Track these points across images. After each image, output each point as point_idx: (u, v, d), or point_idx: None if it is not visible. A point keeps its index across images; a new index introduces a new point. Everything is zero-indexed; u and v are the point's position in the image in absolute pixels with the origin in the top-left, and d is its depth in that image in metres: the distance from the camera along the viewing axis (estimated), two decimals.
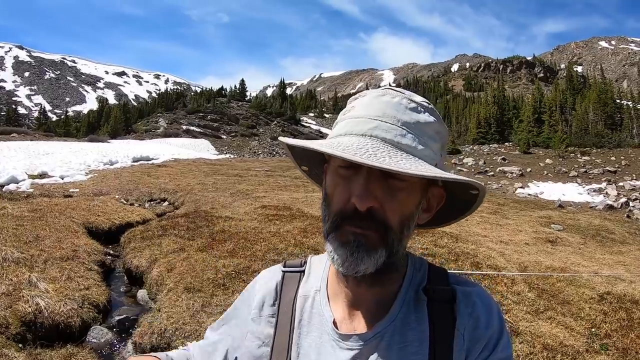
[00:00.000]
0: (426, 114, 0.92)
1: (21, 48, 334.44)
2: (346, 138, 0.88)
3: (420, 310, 0.96)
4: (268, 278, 1.13)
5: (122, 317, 5.73)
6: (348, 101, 0.99)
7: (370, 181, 0.85)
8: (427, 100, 0.95)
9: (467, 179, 0.87)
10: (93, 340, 5.14)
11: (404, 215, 0.90)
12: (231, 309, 1.18)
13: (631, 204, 19.03)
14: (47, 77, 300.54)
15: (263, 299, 1.09)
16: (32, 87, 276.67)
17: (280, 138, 0.99)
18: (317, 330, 1.00)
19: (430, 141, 0.91)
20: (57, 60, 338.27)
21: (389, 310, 0.97)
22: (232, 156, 53.70)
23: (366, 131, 0.87)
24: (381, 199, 0.86)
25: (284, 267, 1.13)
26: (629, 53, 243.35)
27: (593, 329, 5.24)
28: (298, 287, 1.08)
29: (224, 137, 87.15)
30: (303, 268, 1.11)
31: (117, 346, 5.18)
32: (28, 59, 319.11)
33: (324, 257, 1.10)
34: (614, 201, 19.58)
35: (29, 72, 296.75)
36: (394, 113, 0.89)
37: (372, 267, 0.88)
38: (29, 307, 4.98)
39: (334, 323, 0.99)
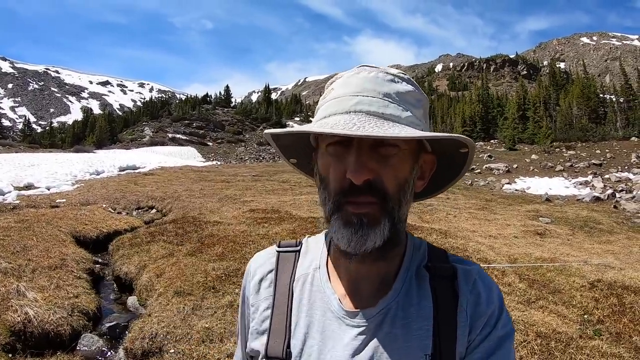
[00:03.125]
0: (404, 83, 0.93)
1: (4, 59, 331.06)
2: (331, 118, 0.88)
3: (423, 287, 0.96)
4: (262, 260, 1.11)
5: (112, 323, 5.67)
6: (325, 86, 0.99)
7: (361, 154, 0.86)
8: (403, 72, 0.96)
9: (454, 135, 0.87)
10: (84, 348, 5.07)
11: (400, 181, 0.90)
12: (239, 314, 1.16)
13: (617, 195, 19.25)
14: (30, 88, 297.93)
15: (259, 281, 1.08)
16: (16, 99, 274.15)
17: (266, 131, 0.98)
18: (320, 309, 0.99)
19: (412, 108, 0.91)
20: (40, 71, 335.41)
21: (392, 286, 0.97)
22: (218, 163, 53.69)
23: (349, 108, 0.88)
24: (376, 169, 0.87)
25: (279, 247, 1.12)
26: (610, 48, 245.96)
27: (585, 316, 5.27)
28: (295, 267, 1.06)
29: (210, 144, 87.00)
30: (298, 248, 1.10)
31: (108, 353, 5.12)
32: (11, 70, 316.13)
33: (321, 236, 1.10)
34: (600, 193, 19.78)
35: (12, 84, 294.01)
36: (373, 86, 0.90)
37: (379, 241, 0.88)
38: (18, 316, 4.92)
39: (339, 300, 0.98)
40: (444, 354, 0.90)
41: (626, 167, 30.15)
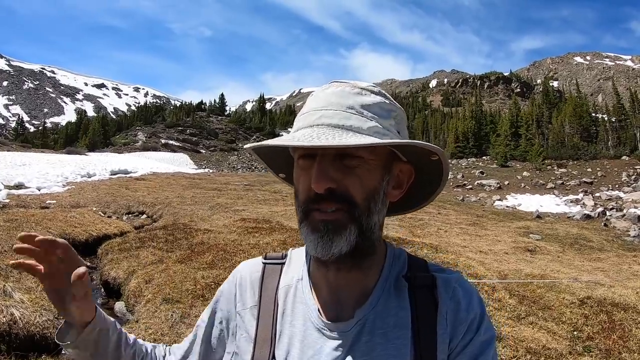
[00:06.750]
0: (372, 95, 0.94)
1: (0, 57, 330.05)
2: (298, 132, 0.92)
3: (402, 296, 0.97)
4: (248, 270, 1.12)
5: None
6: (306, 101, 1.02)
7: (323, 165, 0.88)
8: (374, 85, 0.97)
9: (417, 141, 0.89)
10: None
11: (368, 189, 0.91)
12: (213, 304, 1.16)
13: (608, 213, 19.37)
14: (25, 87, 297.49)
15: (245, 290, 1.09)
16: (10, 97, 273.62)
17: (245, 146, 1.03)
18: (301, 319, 1.00)
19: (379, 118, 0.92)
20: (36, 70, 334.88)
21: (370, 296, 0.98)
22: (211, 170, 53.57)
23: (313, 121, 0.91)
24: (338, 178, 0.88)
25: (265, 259, 1.13)
26: (603, 68, 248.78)
27: (575, 332, 5.28)
28: (279, 278, 1.08)
29: (203, 151, 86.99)
30: (284, 260, 1.11)
31: None
32: (7, 67, 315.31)
33: (304, 248, 1.10)
34: (590, 211, 19.90)
35: (7, 82, 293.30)
36: (337, 100, 0.92)
37: (345, 246, 0.89)
38: (4, 317, 4.84)
39: (319, 311, 0.99)
40: None
41: (617, 186, 30.41)
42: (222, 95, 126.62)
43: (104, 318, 1.02)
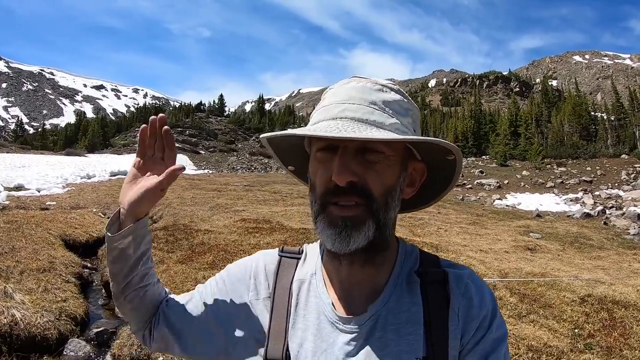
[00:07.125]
0: (392, 92, 0.97)
1: None
2: (319, 124, 0.93)
3: (414, 291, 0.97)
4: (265, 260, 1.12)
5: (100, 329, 5.60)
6: (322, 96, 1.03)
7: (346, 158, 0.89)
8: (393, 83, 0.99)
9: (437, 139, 0.89)
10: (70, 353, 5.01)
11: (386, 185, 0.92)
12: (221, 280, 1.16)
13: (607, 211, 19.36)
14: (24, 88, 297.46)
15: (260, 281, 1.09)
16: (10, 99, 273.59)
17: (262, 135, 1.02)
18: (314, 313, 1.00)
19: (399, 115, 0.94)
20: (35, 71, 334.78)
21: (382, 292, 0.98)
22: (210, 171, 53.58)
23: (336, 114, 0.92)
24: (360, 172, 0.89)
25: (281, 252, 1.13)
26: (602, 66, 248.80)
27: (576, 330, 5.28)
28: (294, 272, 1.08)
29: (203, 152, 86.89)
30: (300, 256, 1.12)
31: (95, 359, 5.06)
32: (6, 69, 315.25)
33: (317, 244, 1.11)
34: (590, 209, 19.90)
35: (6, 83, 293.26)
36: (360, 95, 0.93)
37: (363, 241, 0.90)
38: (5, 318, 4.86)
39: (332, 305, 0.99)
40: (437, 357, 0.91)
41: (616, 184, 30.43)
42: (221, 95, 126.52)
43: (146, 226, 1.05)
